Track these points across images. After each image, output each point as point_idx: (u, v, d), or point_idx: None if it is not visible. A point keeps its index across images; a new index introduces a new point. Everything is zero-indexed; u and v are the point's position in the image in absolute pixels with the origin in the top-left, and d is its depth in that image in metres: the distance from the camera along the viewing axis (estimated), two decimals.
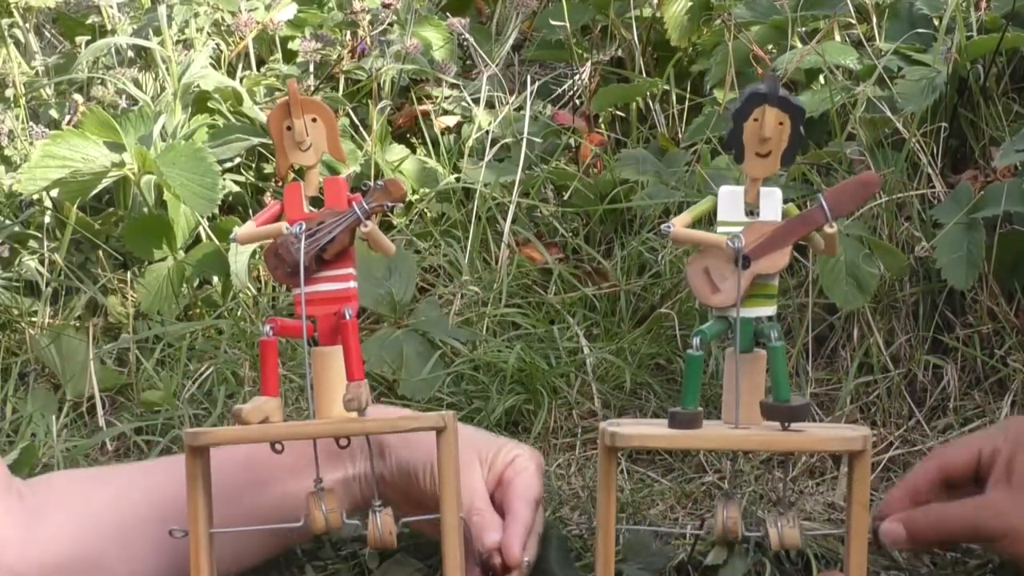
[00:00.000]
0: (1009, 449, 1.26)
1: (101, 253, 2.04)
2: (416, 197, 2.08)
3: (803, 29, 2.07)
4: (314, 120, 1.16)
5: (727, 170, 1.91)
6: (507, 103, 2.19)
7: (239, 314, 1.91)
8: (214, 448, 1.15)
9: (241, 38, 2.28)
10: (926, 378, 1.71)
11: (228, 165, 2.10)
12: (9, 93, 2.28)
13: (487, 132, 2.13)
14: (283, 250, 1.15)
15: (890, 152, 1.81)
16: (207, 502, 1.15)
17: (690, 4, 2.24)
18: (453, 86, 2.24)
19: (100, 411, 1.77)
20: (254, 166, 2.15)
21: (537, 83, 2.21)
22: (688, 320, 1.77)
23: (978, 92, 1.89)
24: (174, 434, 1.67)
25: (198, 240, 2.03)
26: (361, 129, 2.13)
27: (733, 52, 2.05)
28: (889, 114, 1.81)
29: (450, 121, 2.21)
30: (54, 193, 2.03)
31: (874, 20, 2.03)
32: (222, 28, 2.35)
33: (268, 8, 2.33)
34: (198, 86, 2.16)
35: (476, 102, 2.19)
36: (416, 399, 1.70)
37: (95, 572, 1.25)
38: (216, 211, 1.92)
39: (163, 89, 2.20)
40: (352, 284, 1.16)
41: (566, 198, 2.06)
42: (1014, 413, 1.65)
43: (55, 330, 1.88)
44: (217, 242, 2.00)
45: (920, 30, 1.98)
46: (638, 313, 1.85)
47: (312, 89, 2.22)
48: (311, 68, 2.27)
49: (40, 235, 2.06)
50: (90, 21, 2.44)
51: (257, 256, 1.95)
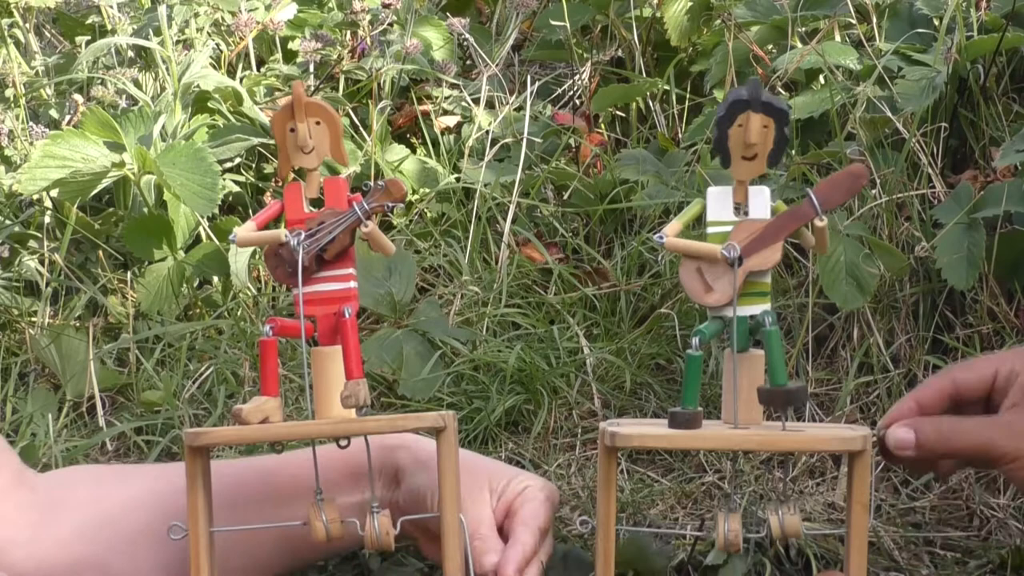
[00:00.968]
0: None
1: (101, 253, 2.04)
2: (416, 197, 2.08)
3: (803, 29, 2.08)
4: (318, 123, 1.16)
5: (726, 170, 1.90)
6: (507, 103, 2.19)
7: (239, 314, 1.91)
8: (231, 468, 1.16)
9: (241, 38, 2.28)
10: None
11: (228, 165, 2.10)
12: (9, 93, 2.28)
13: (487, 132, 2.13)
14: (283, 250, 1.15)
15: (890, 152, 1.81)
16: (207, 502, 1.15)
17: (690, 4, 2.24)
18: (453, 86, 2.24)
19: (100, 411, 1.77)
20: (254, 166, 2.15)
21: (537, 83, 2.21)
22: (688, 320, 1.77)
23: (978, 92, 1.89)
24: (174, 434, 1.67)
25: (198, 240, 2.03)
26: (361, 129, 2.13)
27: (733, 52, 2.05)
28: (889, 114, 1.81)
29: (450, 121, 2.21)
30: (54, 193, 2.03)
31: (874, 20, 2.03)
32: (222, 28, 2.35)
33: (268, 8, 2.33)
34: (198, 86, 2.16)
35: (476, 102, 2.19)
36: (416, 399, 1.70)
37: None
38: (216, 211, 1.92)
39: (163, 89, 2.21)
40: (352, 284, 1.16)
41: (566, 198, 2.06)
42: None
43: (55, 330, 1.88)
44: (217, 242, 2.00)
45: (920, 30, 1.98)
46: (638, 313, 1.85)
47: (312, 89, 2.22)
48: (311, 68, 2.27)
49: (40, 235, 2.06)
50: (90, 21, 2.44)
51: (257, 256, 1.95)
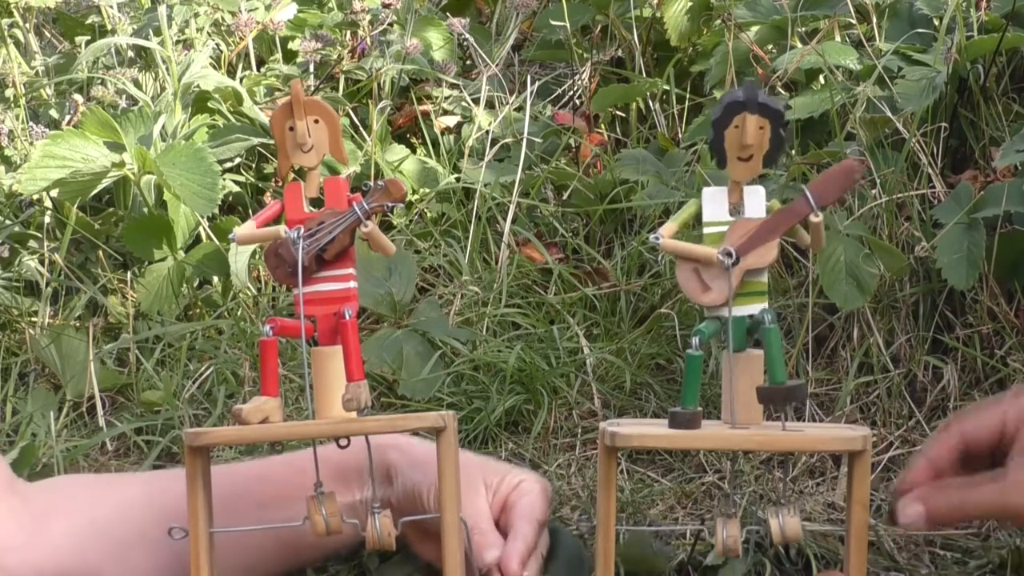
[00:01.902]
0: None
1: (101, 253, 2.04)
2: (416, 197, 2.08)
3: (803, 29, 2.08)
4: (317, 121, 1.16)
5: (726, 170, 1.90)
6: (507, 103, 2.19)
7: (239, 314, 1.91)
8: (226, 471, 1.16)
9: (241, 38, 2.28)
10: (926, 378, 1.71)
11: (228, 165, 2.10)
12: (9, 93, 2.28)
13: (487, 132, 2.13)
14: (284, 250, 1.15)
15: (890, 152, 1.81)
16: (207, 502, 1.15)
17: (690, 4, 2.24)
18: (453, 86, 2.24)
19: (100, 411, 1.77)
20: (254, 166, 2.15)
21: (537, 83, 2.21)
22: (688, 320, 1.77)
23: (978, 92, 1.89)
24: (174, 434, 1.67)
25: (198, 240, 2.03)
26: (361, 129, 2.13)
27: (733, 52, 2.05)
28: (889, 114, 1.81)
29: (450, 121, 2.21)
30: (54, 193, 2.03)
31: (874, 20, 2.03)
32: (222, 28, 2.35)
33: (268, 8, 2.33)
34: (198, 86, 2.16)
35: (476, 102, 2.19)
36: (416, 399, 1.70)
37: None
38: (216, 211, 1.92)
39: (163, 89, 2.21)
40: (352, 284, 1.16)
41: (566, 198, 2.06)
42: None
43: (55, 330, 1.88)
44: (217, 242, 2.00)
45: (920, 30, 1.98)
46: (638, 313, 1.85)
47: (312, 89, 2.22)
48: (311, 68, 2.27)
49: (40, 235, 2.06)
50: (90, 21, 2.44)
51: (257, 256, 1.95)
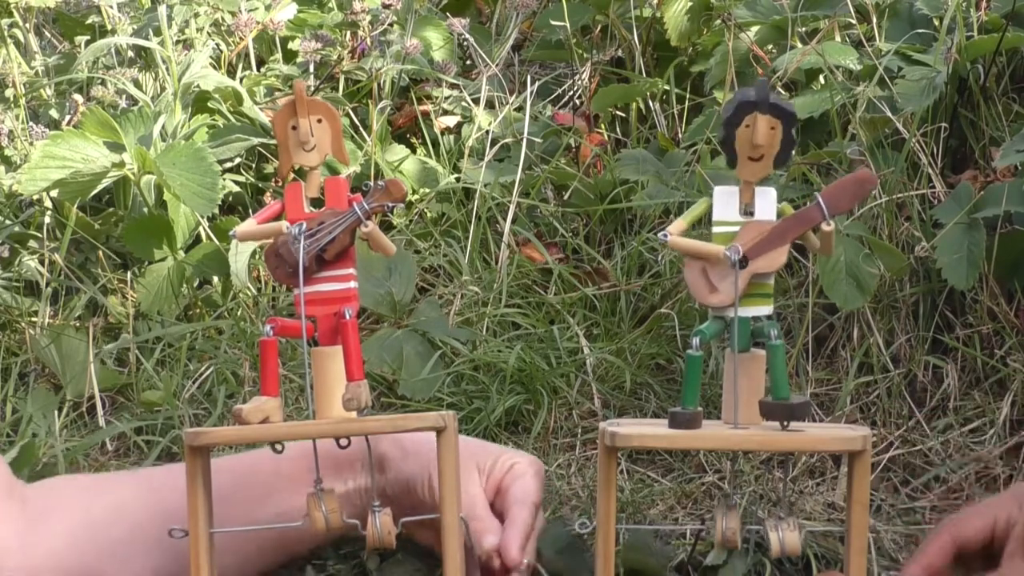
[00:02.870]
0: None
1: (101, 253, 2.04)
2: (416, 197, 2.08)
3: (803, 29, 2.08)
4: (319, 121, 1.16)
5: (727, 170, 1.90)
6: (507, 103, 2.19)
7: (239, 314, 1.91)
8: (214, 466, 1.16)
9: (241, 38, 2.28)
10: (926, 378, 1.71)
11: (228, 165, 2.10)
12: (9, 93, 2.28)
13: (487, 132, 2.13)
14: (284, 250, 1.15)
15: (890, 152, 1.81)
16: (207, 502, 1.15)
17: (690, 4, 2.24)
18: (453, 86, 2.24)
19: (100, 411, 1.77)
20: (254, 166, 2.15)
21: (537, 83, 2.21)
22: (688, 320, 1.77)
23: (978, 92, 1.89)
24: (174, 434, 1.67)
25: (198, 240, 2.03)
26: (361, 129, 2.13)
27: (733, 52, 2.05)
28: (889, 114, 1.81)
29: (450, 121, 2.21)
30: (54, 193, 2.03)
31: (874, 20, 2.03)
32: (222, 28, 2.35)
33: (268, 8, 2.33)
34: (198, 86, 2.16)
35: (476, 102, 2.19)
36: (416, 399, 1.70)
37: None
38: (216, 211, 1.92)
39: (163, 89, 2.21)
40: (352, 284, 1.16)
41: (566, 198, 2.06)
42: (1014, 414, 1.66)
43: (55, 330, 1.88)
44: (217, 242, 2.00)
45: (920, 30, 1.98)
46: (638, 313, 1.85)
47: (312, 89, 2.22)
48: (311, 68, 2.27)
49: (40, 235, 2.06)
50: (90, 21, 2.44)
51: (257, 256, 1.95)
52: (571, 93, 2.32)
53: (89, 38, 2.38)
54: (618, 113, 2.26)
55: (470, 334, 1.80)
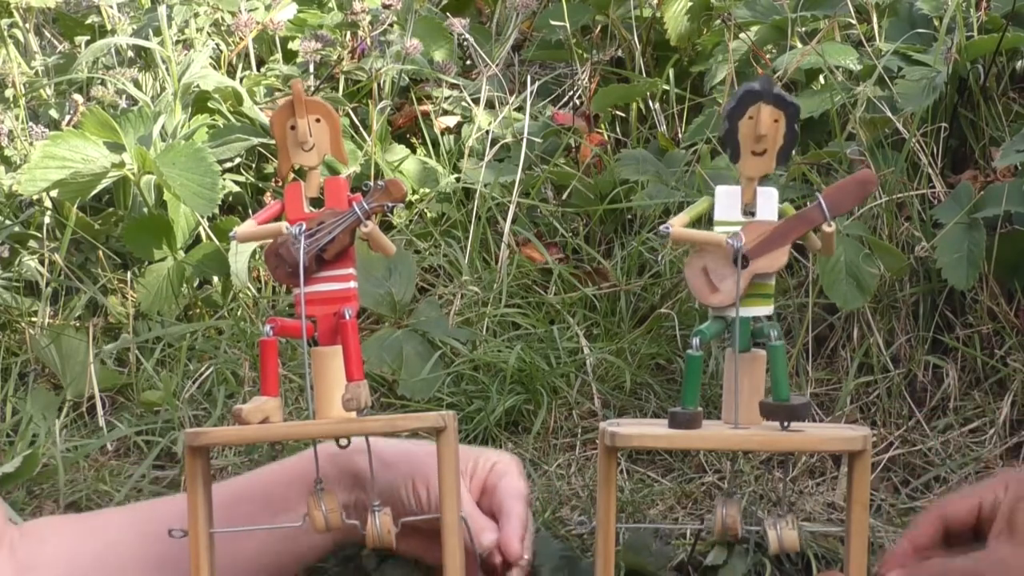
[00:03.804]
0: (1010, 503, 1.26)
1: (101, 253, 2.04)
2: (416, 197, 2.08)
3: (803, 29, 2.07)
4: (318, 121, 1.16)
5: (727, 170, 1.91)
6: (507, 103, 2.19)
7: (239, 314, 1.91)
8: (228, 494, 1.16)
9: (241, 38, 2.28)
10: (926, 378, 1.71)
11: (228, 165, 2.10)
12: (9, 93, 2.28)
13: (487, 132, 2.13)
14: (284, 250, 1.15)
15: (890, 152, 1.81)
16: (207, 502, 1.15)
17: (690, 4, 2.24)
18: (453, 86, 2.24)
19: (100, 411, 1.77)
20: (254, 166, 2.15)
21: (537, 83, 2.21)
22: (688, 320, 1.77)
23: (978, 92, 1.89)
24: (174, 435, 1.67)
25: (198, 240, 2.03)
26: (361, 129, 2.13)
27: (733, 52, 2.05)
28: (889, 114, 1.81)
29: (450, 121, 2.21)
30: (54, 193, 2.03)
31: (874, 20, 2.03)
32: (222, 28, 2.35)
33: (268, 8, 2.33)
34: (198, 86, 2.16)
35: (476, 102, 2.19)
36: (416, 399, 1.70)
37: None
38: (216, 211, 1.92)
39: (163, 89, 2.21)
40: (352, 284, 1.16)
41: (566, 198, 2.06)
42: (1014, 414, 1.66)
43: (55, 330, 1.88)
44: (217, 242, 2.00)
45: (920, 30, 1.98)
46: (638, 313, 1.85)
47: (312, 89, 2.22)
48: (311, 68, 2.27)
49: (40, 235, 2.06)
50: (90, 21, 2.44)
51: (257, 256, 1.95)
52: (571, 93, 2.32)
53: (89, 38, 2.38)
54: (618, 113, 2.26)
55: (470, 334, 1.80)
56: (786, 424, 1.10)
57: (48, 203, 2.08)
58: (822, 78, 1.98)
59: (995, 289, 1.71)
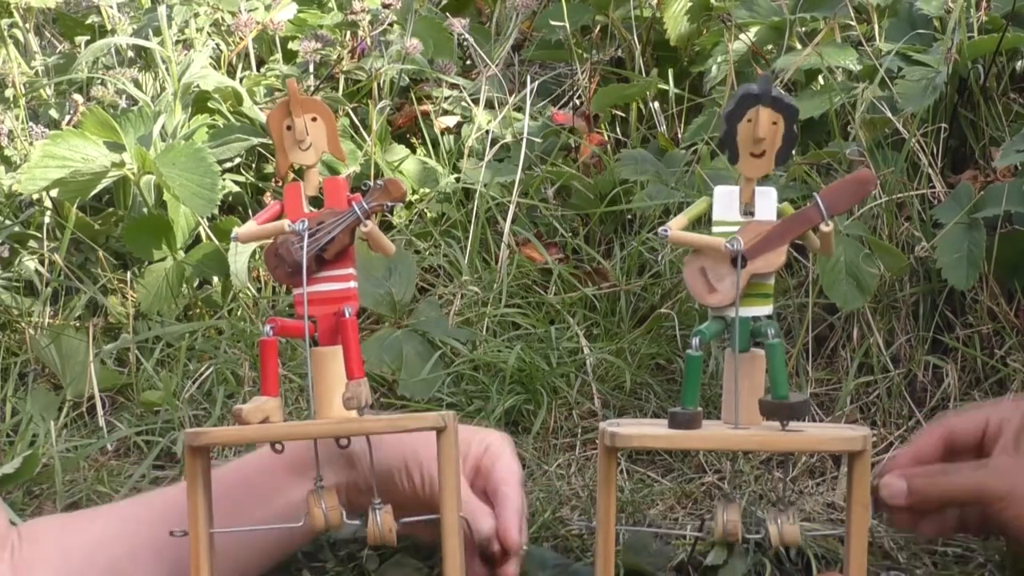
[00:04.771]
0: (1019, 420, 1.27)
1: (101, 253, 2.04)
2: (416, 197, 2.08)
3: (803, 30, 2.07)
4: (314, 119, 1.16)
5: (726, 170, 1.90)
6: (507, 103, 2.19)
7: (239, 314, 1.91)
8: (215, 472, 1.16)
9: (241, 38, 2.28)
10: (926, 378, 1.71)
11: (228, 165, 2.10)
12: (9, 93, 2.28)
13: (487, 132, 2.13)
14: (283, 250, 1.15)
15: (890, 152, 1.81)
16: (207, 502, 1.15)
17: (690, 4, 2.24)
18: (453, 86, 2.24)
19: (100, 411, 1.77)
20: (254, 166, 2.15)
21: (537, 83, 2.21)
22: (688, 320, 1.77)
23: (978, 92, 1.89)
24: (174, 435, 1.67)
25: (198, 240, 2.03)
26: (361, 129, 2.13)
27: (733, 52, 2.05)
28: (889, 114, 1.81)
29: (450, 121, 2.21)
30: (54, 193, 2.03)
31: (874, 20, 2.03)
32: (222, 28, 2.35)
33: (268, 8, 2.33)
34: (198, 86, 2.16)
35: (476, 102, 2.19)
36: (416, 399, 1.70)
37: None
38: (216, 211, 1.92)
39: (163, 89, 2.21)
40: (352, 284, 1.16)
41: (566, 198, 2.06)
42: None
43: (55, 330, 1.88)
44: (217, 242, 2.00)
45: (920, 30, 1.98)
46: (638, 313, 1.85)
47: (312, 89, 2.22)
48: (311, 68, 2.27)
49: (40, 235, 2.06)
50: (90, 21, 2.44)
51: (257, 256, 1.95)
52: (571, 93, 2.32)
53: (89, 38, 2.38)
54: (618, 113, 2.26)
55: (470, 334, 1.80)
56: (786, 424, 1.10)
57: (48, 203, 2.08)
58: (821, 79, 1.98)
59: (995, 289, 1.71)
